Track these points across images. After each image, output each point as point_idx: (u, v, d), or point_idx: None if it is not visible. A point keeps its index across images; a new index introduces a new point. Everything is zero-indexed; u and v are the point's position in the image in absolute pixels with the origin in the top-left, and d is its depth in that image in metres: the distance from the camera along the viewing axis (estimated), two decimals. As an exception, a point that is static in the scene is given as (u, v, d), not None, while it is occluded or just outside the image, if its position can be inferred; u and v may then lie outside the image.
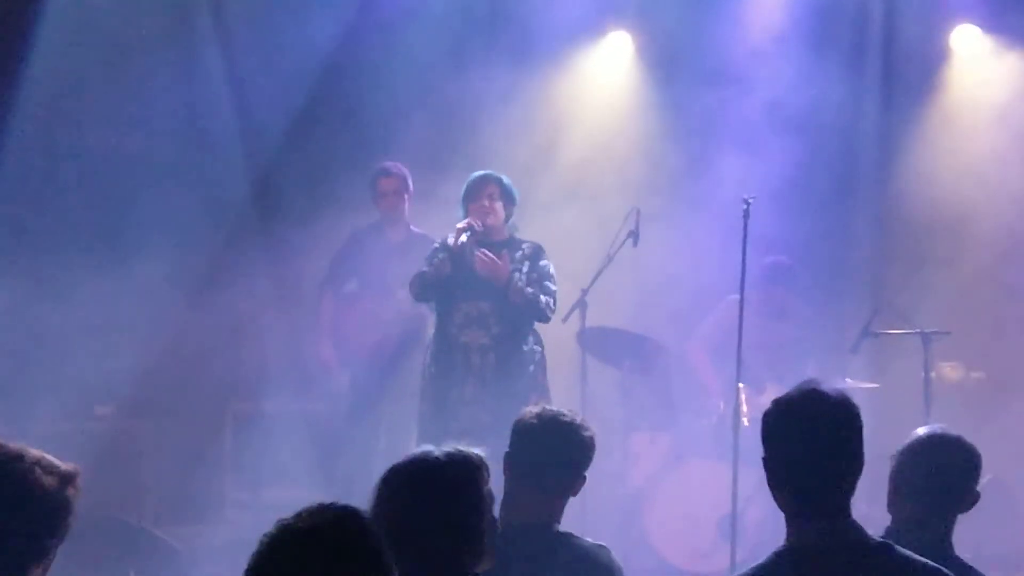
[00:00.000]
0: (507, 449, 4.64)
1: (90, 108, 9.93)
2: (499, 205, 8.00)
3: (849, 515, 3.66)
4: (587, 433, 4.68)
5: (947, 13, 10.26)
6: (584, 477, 4.62)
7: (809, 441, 3.63)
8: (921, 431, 4.43)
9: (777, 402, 3.73)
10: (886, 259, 10.08)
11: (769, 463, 3.70)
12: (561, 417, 4.68)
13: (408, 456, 3.71)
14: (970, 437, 4.40)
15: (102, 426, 9.45)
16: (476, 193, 7.98)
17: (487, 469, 3.75)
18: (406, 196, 9.15)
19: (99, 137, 10.01)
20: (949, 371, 9.40)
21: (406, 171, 9.18)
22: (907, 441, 4.40)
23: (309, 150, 10.32)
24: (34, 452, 3.44)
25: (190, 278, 9.77)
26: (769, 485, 3.71)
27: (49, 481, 3.39)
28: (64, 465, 3.47)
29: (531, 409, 4.79)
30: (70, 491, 3.43)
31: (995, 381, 9.53)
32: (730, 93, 10.02)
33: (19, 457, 3.40)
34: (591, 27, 10.46)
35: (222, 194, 10.11)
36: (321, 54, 10.15)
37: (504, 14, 10.08)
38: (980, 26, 10.24)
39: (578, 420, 4.71)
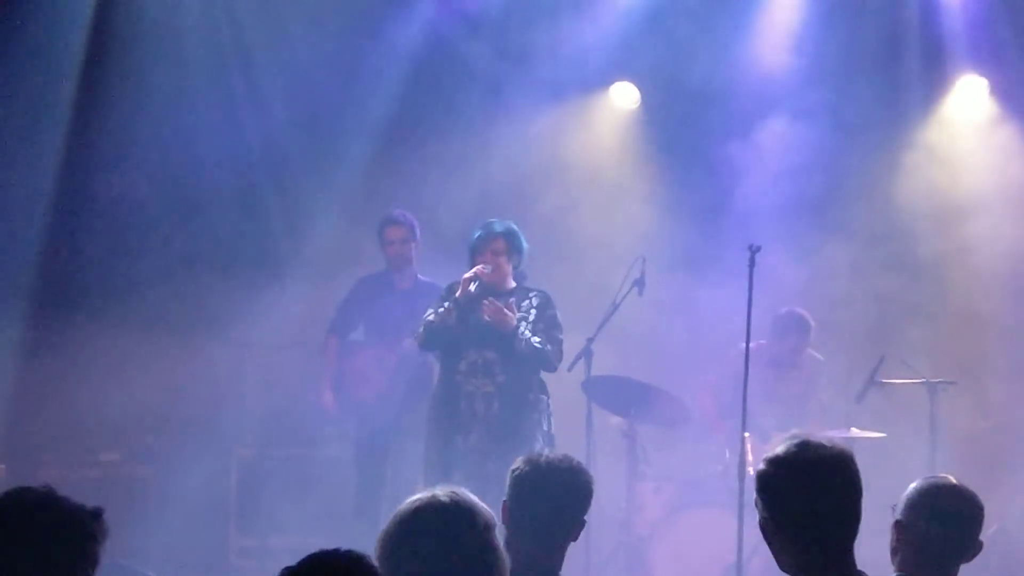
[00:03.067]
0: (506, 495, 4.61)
1: (94, 156, 9.97)
2: (503, 259, 8.01)
3: (854, 566, 3.62)
4: (584, 478, 4.65)
5: (954, 62, 10.28)
6: (583, 522, 4.59)
7: (811, 499, 3.57)
8: (923, 480, 4.40)
9: (772, 461, 3.66)
10: (892, 308, 10.06)
11: (770, 523, 3.64)
12: (557, 463, 4.66)
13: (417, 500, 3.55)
14: (976, 487, 4.38)
15: (107, 473, 9.45)
16: (482, 248, 7.99)
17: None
18: (413, 244, 9.17)
19: (103, 184, 10.05)
20: (955, 420, 9.38)
21: (414, 219, 9.20)
22: (910, 491, 4.37)
23: (314, 199, 10.36)
24: (61, 494, 3.54)
25: (195, 325, 9.78)
26: (770, 546, 3.64)
27: (79, 521, 3.50)
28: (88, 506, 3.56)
29: (529, 455, 4.77)
30: (98, 529, 3.52)
31: (1001, 430, 9.50)
32: (734, 141, 10.05)
33: (50, 498, 3.51)
34: (597, 77, 10.50)
35: (227, 241, 10.13)
36: (325, 104, 10.21)
37: (509, 63, 10.12)
38: (985, 77, 10.27)
39: (575, 465, 4.68)
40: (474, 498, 3.51)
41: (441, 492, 3.49)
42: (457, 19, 10.26)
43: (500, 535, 3.59)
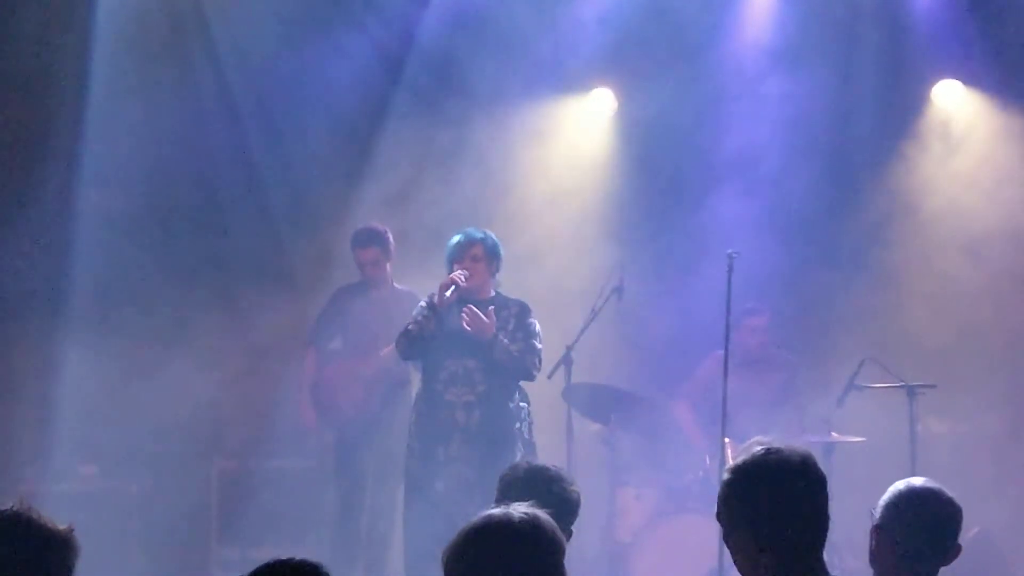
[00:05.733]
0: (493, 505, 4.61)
1: (75, 170, 9.94)
2: (482, 266, 8.02)
3: (826, 572, 3.64)
4: (573, 487, 4.69)
5: (931, 68, 10.32)
6: (570, 532, 4.61)
7: (776, 505, 3.58)
8: (901, 484, 4.40)
9: (735, 469, 3.66)
10: (872, 311, 10.09)
11: (735, 535, 3.65)
12: (547, 471, 4.70)
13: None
14: (956, 491, 4.39)
15: (87, 486, 9.41)
16: (459, 255, 8.00)
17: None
18: (387, 263, 9.15)
19: (83, 197, 10.01)
20: (935, 424, 9.41)
21: (386, 234, 9.16)
22: (887, 494, 4.37)
23: (290, 209, 10.34)
24: (35, 510, 3.52)
25: (173, 336, 9.76)
26: (737, 559, 3.64)
27: (52, 538, 3.49)
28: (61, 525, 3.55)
29: (518, 464, 4.79)
30: (71, 548, 3.50)
31: (981, 435, 9.54)
32: (713, 145, 10.07)
33: (22, 504, 3.51)
34: (575, 83, 10.51)
35: (204, 252, 10.10)
36: (299, 109, 10.20)
37: (486, 66, 10.12)
38: (963, 81, 10.31)
39: (564, 475, 4.72)
40: (548, 520, 3.41)
41: (516, 509, 3.41)
42: (436, 20, 10.25)
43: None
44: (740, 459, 3.67)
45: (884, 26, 10.27)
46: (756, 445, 3.68)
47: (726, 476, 3.67)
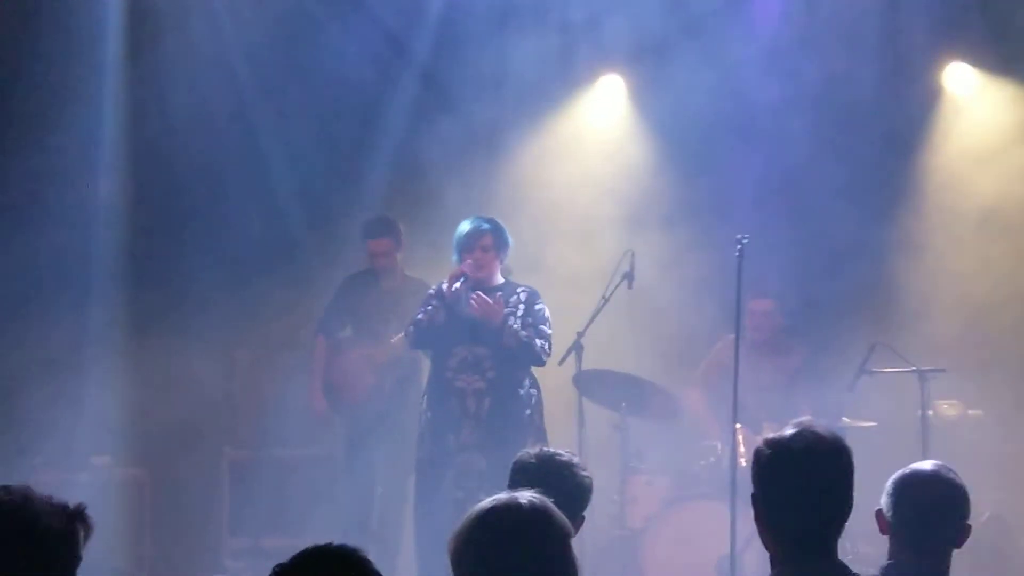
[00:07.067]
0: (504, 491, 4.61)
1: (79, 161, 9.92)
2: (491, 255, 8.03)
3: (835, 556, 3.66)
4: (585, 473, 4.70)
5: (938, 52, 10.27)
6: (583, 517, 4.61)
7: (802, 485, 3.63)
8: (906, 468, 4.42)
9: (771, 442, 3.71)
10: (883, 295, 10.06)
11: (759, 502, 3.70)
12: (559, 457, 4.70)
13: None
14: (967, 475, 4.39)
15: (99, 476, 9.42)
16: (470, 245, 8.00)
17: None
18: (396, 254, 9.16)
19: (89, 188, 9.99)
20: (946, 409, 9.39)
21: (397, 225, 9.17)
22: (896, 477, 4.39)
23: (298, 199, 10.33)
24: (38, 493, 3.49)
25: (184, 326, 9.75)
26: (757, 523, 3.70)
27: (56, 520, 3.43)
28: (71, 504, 3.52)
29: (529, 450, 4.80)
30: (79, 527, 3.48)
31: (992, 419, 9.51)
32: (721, 132, 10.04)
33: (26, 498, 3.44)
34: (584, 70, 10.47)
35: (212, 243, 10.08)
36: (317, 103, 10.19)
37: (495, 56, 10.09)
38: (971, 63, 10.27)
39: (576, 461, 4.72)
40: (552, 506, 3.38)
41: (522, 495, 3.36)
42: (446, 4, 10.21)
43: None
44: (779, 432, 3.72)
45: (894, 5, 10.22)
46: (797, 424, 3.73)
47: (760, 445, 3.73)
